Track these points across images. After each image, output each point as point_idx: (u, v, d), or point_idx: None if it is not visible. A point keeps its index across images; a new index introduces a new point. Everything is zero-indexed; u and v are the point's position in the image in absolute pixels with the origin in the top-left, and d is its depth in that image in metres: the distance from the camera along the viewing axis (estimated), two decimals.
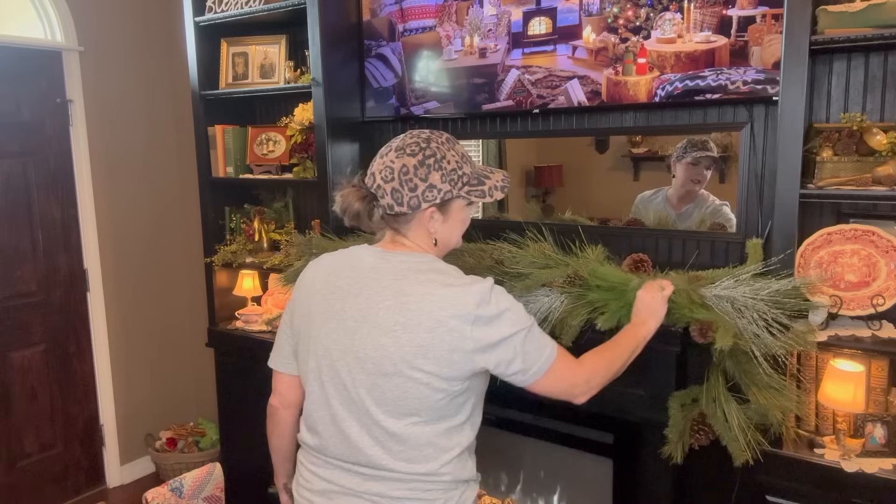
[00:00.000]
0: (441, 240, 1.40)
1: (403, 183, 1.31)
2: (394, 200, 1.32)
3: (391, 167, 1.33)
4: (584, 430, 2.10)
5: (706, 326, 1.65)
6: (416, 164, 1.32)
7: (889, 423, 1.77)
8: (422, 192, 1.32)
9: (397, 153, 1.34)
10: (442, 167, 1.33)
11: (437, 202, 1.33)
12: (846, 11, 1.69)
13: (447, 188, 1.33)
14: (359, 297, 1.32)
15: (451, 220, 1.39)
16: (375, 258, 1.37)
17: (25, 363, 3.16)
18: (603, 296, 1.79)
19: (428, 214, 1.35)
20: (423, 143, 1.34)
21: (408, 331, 1.25)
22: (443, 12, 2.43)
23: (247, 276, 3.14)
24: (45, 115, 3.14)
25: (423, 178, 1.31)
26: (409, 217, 1.35)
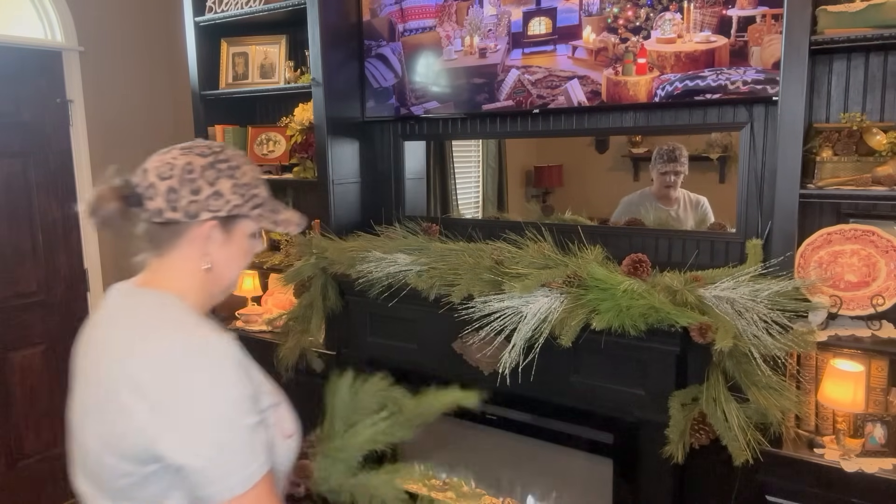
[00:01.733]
0: (217, 269, 1.13)
1: (185, 182, 1.06)
2: (167, 203, 1.06)
3: (172, 163, 1.08)
4: (584, 430, 2.10)
5: (706, 327, 1.65)
6: (206, 165, 1.09)
7: (889, 423, 1.77)
8: (206, 198, 1.07)
9: (183, 151, 1.11)
10: (235, 176, 1.10)
11: (221, 214, 1.09)
12: (846, 11, 1.69)
13: (237, 201, 1.10)
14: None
15: (234, 245, 1.13)
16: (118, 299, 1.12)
17: (25, 363, 3.15)
18: (599, 296, 1.79)
19: (206, 229, 1.09)
20: (216, 147, 1.13)
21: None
22: (443, 12, 2.43)
23: (247, 276, 3.14)
24: (45, 115, 3.14)
25: (211, 181, 1.08)
26: (179, 230, 1.08)
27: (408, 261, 2.22)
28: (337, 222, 2.65)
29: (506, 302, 1.92)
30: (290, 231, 1.19)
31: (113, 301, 1.13)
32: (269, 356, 2.64)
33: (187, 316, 1.07)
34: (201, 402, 0.97)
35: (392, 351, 2.44)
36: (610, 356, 1.93)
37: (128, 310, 1.10)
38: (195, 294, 1.13)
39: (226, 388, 0.99)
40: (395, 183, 2.78)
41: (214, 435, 0.97)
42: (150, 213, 1.07)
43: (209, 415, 0.97)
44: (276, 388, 1.16)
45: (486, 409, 2.30)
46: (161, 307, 1.08)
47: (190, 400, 0.97)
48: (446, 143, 2.81)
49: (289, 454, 1.14)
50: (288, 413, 1.16)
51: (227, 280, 1.17)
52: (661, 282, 1.81)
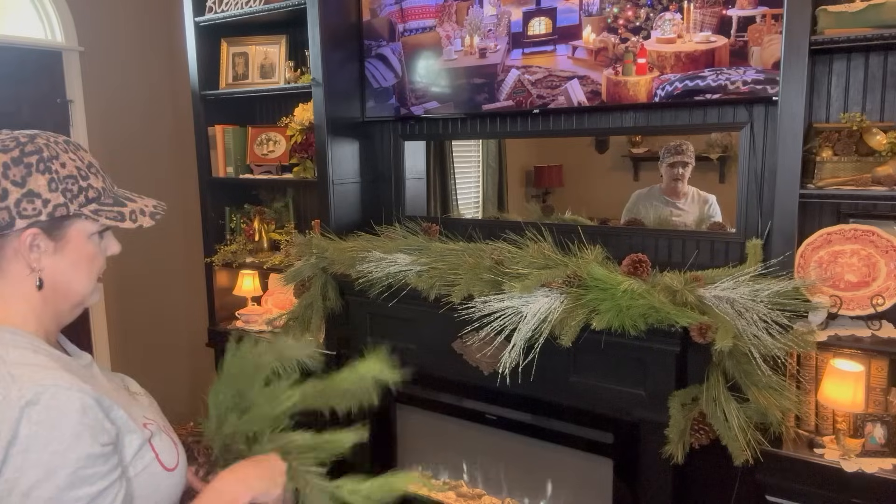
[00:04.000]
0: (55, 283, 0.95)
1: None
2: None
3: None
4: (584, 430, 2.10)
5: (706, 327, 1.65)
6: (9, 162, 0.90)
7: (889, 423, 1.77)
8: (15, 203, 0.89)
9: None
10: (51, 170, 0.92)
11: (41, 219, 0.91)
12: (846, 11, 1.69)
13: (59, 200, 0.92)
14: None
15: (70, 252, 0.95)
16: None
17: None
18: (599, 296, 1.80)
19: (26, 239, 0.91)
20: (23, 138, 0.92)
21: None
22: (443, 12, 2.43)
23: (247, 276, 3.14)
24: (45, 115, 3.14)
25: (20, 181, 0.89)
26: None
27: (408, 261, 2.22)
28: (337, 222, 2.65)
29: (506, 302, 1.92)
30: (144, 224, 1.01)
31: None
32: None
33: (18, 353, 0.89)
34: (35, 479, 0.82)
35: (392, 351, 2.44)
36: (610, 356, 1.93)
37: None
38: (36, 319, 0.96)
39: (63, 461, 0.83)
40: (395, 183, 2.78)
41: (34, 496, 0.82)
42: None
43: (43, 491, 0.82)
44: (153, 416, 1.02)
45: (486, 409, 2.30)
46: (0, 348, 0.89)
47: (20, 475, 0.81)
48: (446, 143, 2.81)
49: (174, 489, 1.00)
50: (168, 444, 1.00)
51: (75, 294, 0.98)
52: (661, 282, 1.81)
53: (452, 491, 2.52)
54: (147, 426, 0.98)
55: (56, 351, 0.95)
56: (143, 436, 0.96)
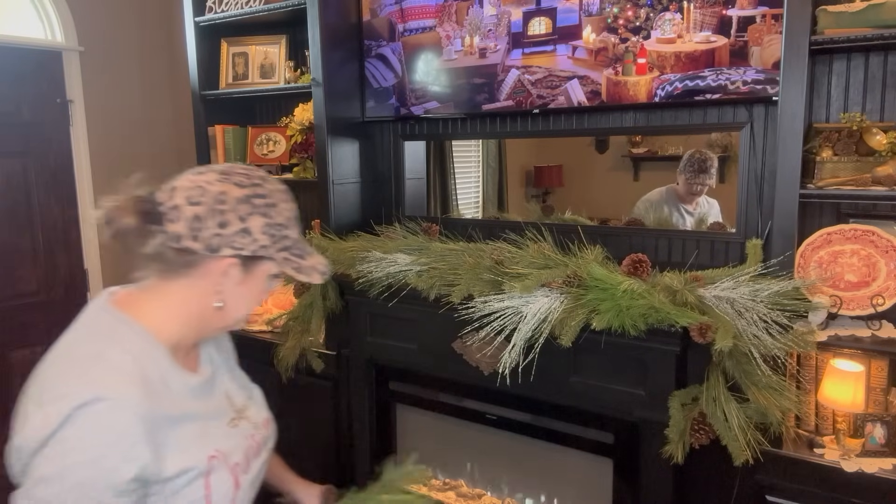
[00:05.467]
0: (226, 307, 1.03)
1: (213, 212, 0.96)
2: (188, 230, 0.96)
3: (205, 188, 0.98)
4: (584, 430, 2.10)
5: (706, 327, 1.65)
6: (241, 198, 0.98)
7: (889, 423, 1.77)
8: (232, 233, 0.97)
9: (220, 176, 1.00)
10: (269, 215, 1.00)
11: (244, 253, 0.99)
12: (846, 11, 1.69)
13: (265, 242, 1.00)
14: None
15: (250, 285, 1.04)
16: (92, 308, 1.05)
17: (25, 363, 3.15)
18: (599, 296, 1.80)
19: (221, 268, 0.99)
20: (256, 178, 1.02)
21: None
22: (443, 12, 2.43)
23: None
24: (45, 115, 3.14)
25: (243, 216, 0.98)
26: (195, 260, 0.98)
27: (408, 261, 2.22)
28: (337, 222, 2.65)
29: (506, 302, 1.92)
30: (313, 280, 1.07)
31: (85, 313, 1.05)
32: (269, 356, 2.65)
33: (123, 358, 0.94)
34: (54, 476, 0.86)
35: (392, 351, 2.44)
36: (610, 356, 1.93)
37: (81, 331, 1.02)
38: (180, 327, 1.02)
39: (87, 470, 0.87)
40: (395, 183, 2.78)
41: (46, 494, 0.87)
42: (168, 235, 0.97)
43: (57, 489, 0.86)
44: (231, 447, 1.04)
45: (486, 409, 2.30)
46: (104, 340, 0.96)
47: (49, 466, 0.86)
48: (446, 143, 2.81)
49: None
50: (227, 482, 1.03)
51: (233, 319, 1.06)
52: (661, 282, 1.81)
53: (452, 491, 2.52)
54: (213, 458, 1.01)
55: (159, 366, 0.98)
56: (199, 469, 0.99)
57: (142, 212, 0.97)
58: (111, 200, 1.00)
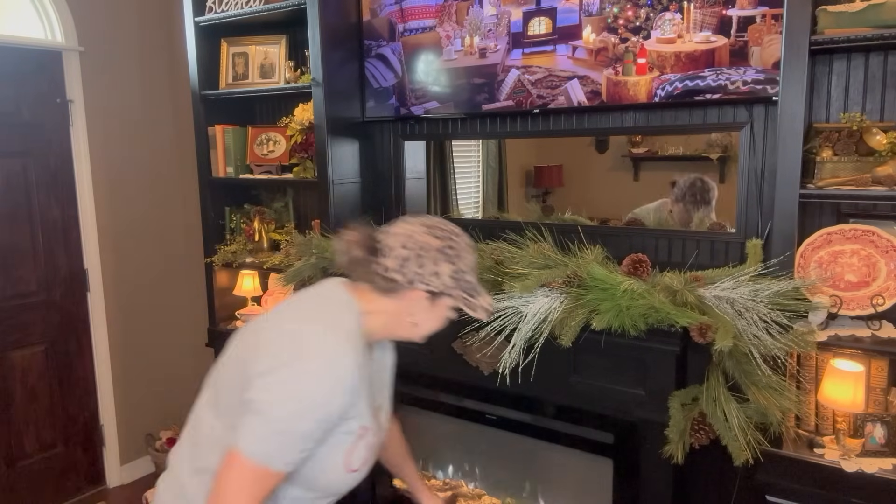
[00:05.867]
0: (419, 326, 1.37)
1: (416, 257, 1.29)
2: (396, 266, 1.29)
3: (413, 237, 1.31)
4: (584, 430, 2.10)
5: (706, 327, 1.65)
6: (438, 248, 1.31)
7: (889, 423, 1.77)
8: (427, 276, 1.29)
9: (425, 228, 1.33)
10: (455, 264, 1.32)
11: (432, 289, 1.30)
12: (846, 11, 1.69)
13: (450, 283, 1.31)
14: None
15: (435, 310, 1.36)
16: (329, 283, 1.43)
17: (25, 363, 3.16)
18: (599, 296, 1.80)
19: (415, 297, 1.31)
20: (452, 234, 1.34)
21: None
22: (443, 12, 2.43)
23: (247, 276, 3.14)
24: (45, 115, 3.14)
25: (436, 262, 1.30)
26: (396, 287, 1.30)
27: None
28: (337, 222, 2.65)
29: (506, 302, 1.92)
30: (479, 317, 1.35)
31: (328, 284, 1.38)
32: None
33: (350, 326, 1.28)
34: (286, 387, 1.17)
35: None
36: (610, 356, 1.93)
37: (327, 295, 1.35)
38: (378, 324, 1.34)
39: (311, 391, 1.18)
40: (395, 183, 2.78)
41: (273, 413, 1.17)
42: (381, 266, 1.30)
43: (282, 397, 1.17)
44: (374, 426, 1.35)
45: (486, 409, 2.30)
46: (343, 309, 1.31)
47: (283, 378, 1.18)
48: (446, 143, 2.81)
49: (343, 484, 1.35)
50: (363, 452, 1.33)
51: (420, 334, 1.38)
52: (661, 282, 1.81)
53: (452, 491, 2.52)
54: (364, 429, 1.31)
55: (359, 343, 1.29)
56: (357, 430, 1.29)
57: (367, 247, 1.32)
58: (348, 235, 1.35)
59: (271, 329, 1.28)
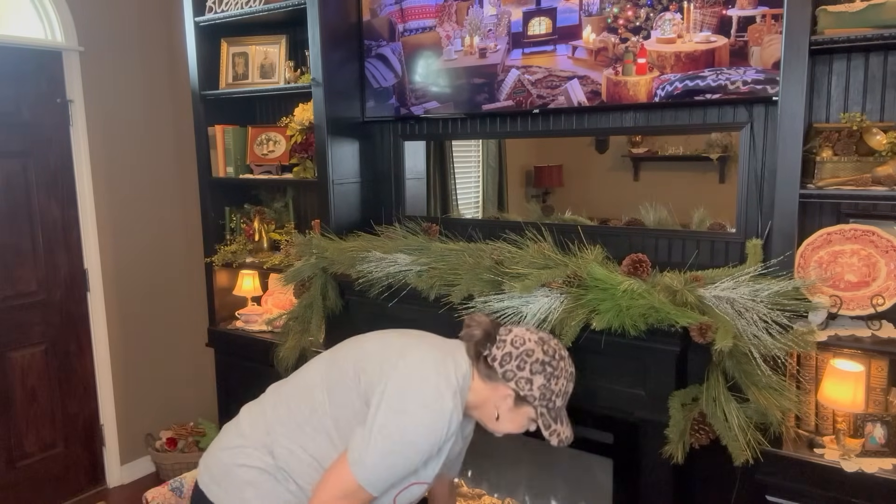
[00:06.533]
0: (500, 420, 1.53)
1: (519, 359, 1.47)
2: (500, 358, 1.48)
3: (524, 344, 1.50)
4: (584, 430, 2.09)
5: (706, 327, 1.65)
6: (540, 362, 1.48)
7: (889, 423, 1.77)
8: (520, 378, 1.46)
9: (540, 340, 1.52)
10: (549, 381, 1.48)
11: (519, 392, 1.47)
12: (846, 11, 1.69)
13: (536, 395, 1.47)
14: None
15: (516, 414, 1.51)
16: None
17: (25, 363, 3.16)
18: (599, 296, 1.79)
19: (504, 392, 1.48)
20: (558, 358, 1.51)
21: None
22: (443, 12, 2.43)
23: (247, 276, 3.14)
24: (45, 115, 3.14)
25: (533, 372, 1.47)
26: (491, 376, 1.49)
27: (408, 261, 2.22)
28: (337, 222, 2.65)
29: (506, 302, 1.92)
30: (551, 442, 1.51)
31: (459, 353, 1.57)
32: (269, 356, 2.65)
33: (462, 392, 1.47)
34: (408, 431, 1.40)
35: None
36: (610, 356, 1.93)
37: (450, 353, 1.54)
38: (473, 402, 1.52)
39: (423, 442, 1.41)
40: (395, 183, 2.78)
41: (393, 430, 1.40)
42: (489, 352, 1.50)
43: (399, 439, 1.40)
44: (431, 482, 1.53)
45: None
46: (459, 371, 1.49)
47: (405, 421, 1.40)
48: (446, 143, 2.81)
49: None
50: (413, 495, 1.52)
51: (497, 428, 1.54)
52: (661, 282, 1.81)
53: None
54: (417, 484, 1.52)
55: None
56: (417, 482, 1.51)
57: (487, 332, 1.52)
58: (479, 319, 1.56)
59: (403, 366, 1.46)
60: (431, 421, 1.40)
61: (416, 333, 1.62)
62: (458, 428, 1.45)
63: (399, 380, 1.43)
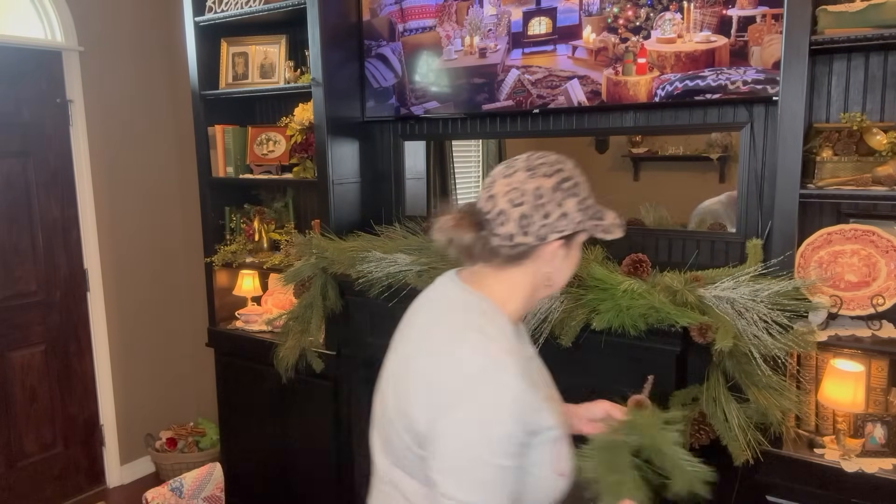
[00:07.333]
0: (555, 281, 1.18)
1: (536, 208, 1.09)
2: (519, 229, 1.09)
3: (520, 188, 1.10)
4: None
5: (706, 327, 1.65)
6: (553, 187, 1.10)
7: (889, 423, 1.77)
8: (555, 220, 1.10)
9: (528, 173, 1.11)
10: (577, 193, 1.12)
11: (566, 233, 1.11)
12: (846, 11, 1.69)
13: (579, 218, 1.12)
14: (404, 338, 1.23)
15: (571, 257, 1.17)
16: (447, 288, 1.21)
17: (25, 363, 3.16)
18: (599, 296, 1.79)
19: (552, 249, 1.12)
20: (555, 162, 1.14)
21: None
22: (443, 12, 2.43)
23: (247, 276, 3.14)
24: (45, 115, 3.14)
25: (559, 203, 1.10)
26: (527, 252, 1.11)
27: (408, 261, 2.22)
28: (337, 222, 2.65)
29: None
30: (616, 236, 1.18)
31: (442, 289, 1.21)
32: (269, 356, 2.65)
33: (496, 330, 1.10)
34: (466, 428, 1.03)
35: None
36: (610, 356, 1.93)
37: (450, 304, 1.17)
38: (519, 303, 1.17)
39: (491, 426, 1.02)
40: (395, 183, 2.78)
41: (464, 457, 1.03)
42: (501, 237, 1.10)
43: (467, 441, 1.03)
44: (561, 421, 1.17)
45: None
46: (479, 315, 1.12)
47: (458, 421, 1.03)
48: (446, 143, 2.81)
49: (555, 492, 1.19)
50: (566, 452, 1.19)
51: (557, 288, 1.22)
52: (661, 282, 1.81)
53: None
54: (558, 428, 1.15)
55: (513, 338, 1.13)
56: (554, 434, 1.13)
57: (474, 224, 1.12)
58: (444, 222, 1.14)
59: (434, 363, 1.09)
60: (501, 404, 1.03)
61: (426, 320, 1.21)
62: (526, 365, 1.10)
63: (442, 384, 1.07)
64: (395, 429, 1.13)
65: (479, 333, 1.08)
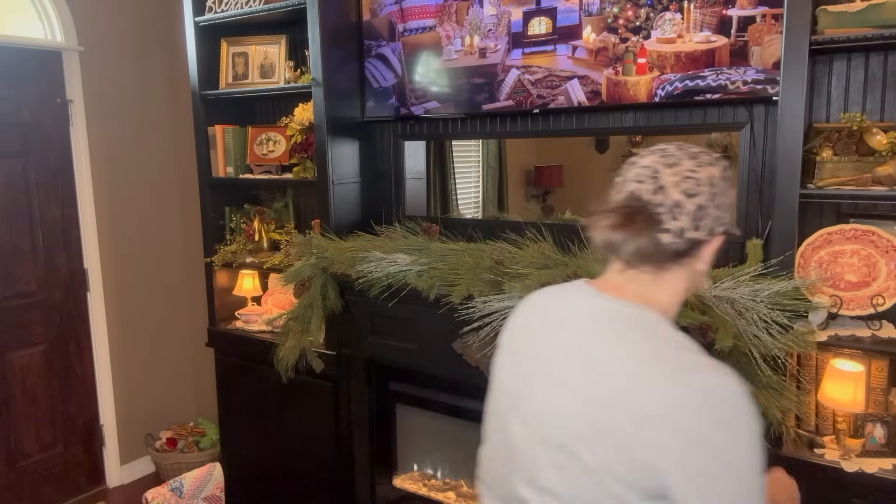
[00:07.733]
0: (700, 283, 1.07)
1: (712, 197, 0.97)
2: (692, 222, 0.96)
3: (695, 177, 0.97)
4: None
5: (706, 327, 1.65)
6: (721, 176, 1.00)
7: (889, 423, 1.77)
8: (723, 213, 0.99)
9: (694, 161, 0.99)
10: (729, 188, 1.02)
11: (727, 227, 1.00)
12: (846, 11, 1.69)
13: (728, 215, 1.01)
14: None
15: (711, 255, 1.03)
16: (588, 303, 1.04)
17: (25, 363, 3.15)
18: None
19: (715, 245, 1.00)
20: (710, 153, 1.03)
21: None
22: (443, 12, 2.43)
23: (247, 276, 3.14)
24: (45, 115, 3.14)
25: (726, 192, 1.00)
26: (692, 248, 0.98)
27: (408, 261, 2.22)
28: (337, 222, 2.65)
29: (506, 302, 1.92)
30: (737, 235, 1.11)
31: (579, 303, 1.04)
32: (269, 356, 2.65)
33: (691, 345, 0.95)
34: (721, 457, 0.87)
35: (392, 351, 2.44)
36: None
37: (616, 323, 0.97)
38: (676, 310, 1.03)
39: (748, 448, 0.88)
40: (395, 183, 2.78)
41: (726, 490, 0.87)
42: (672, 233, 0.95)
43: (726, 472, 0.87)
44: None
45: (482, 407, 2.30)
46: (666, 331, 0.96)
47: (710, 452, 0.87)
48: (446, 143, 2.81)
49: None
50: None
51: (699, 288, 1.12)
52: None
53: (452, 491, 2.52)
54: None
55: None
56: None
57: (645, 220, 0.96)
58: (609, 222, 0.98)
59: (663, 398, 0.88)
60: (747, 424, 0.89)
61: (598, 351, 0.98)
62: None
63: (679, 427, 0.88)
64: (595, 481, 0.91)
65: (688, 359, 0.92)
